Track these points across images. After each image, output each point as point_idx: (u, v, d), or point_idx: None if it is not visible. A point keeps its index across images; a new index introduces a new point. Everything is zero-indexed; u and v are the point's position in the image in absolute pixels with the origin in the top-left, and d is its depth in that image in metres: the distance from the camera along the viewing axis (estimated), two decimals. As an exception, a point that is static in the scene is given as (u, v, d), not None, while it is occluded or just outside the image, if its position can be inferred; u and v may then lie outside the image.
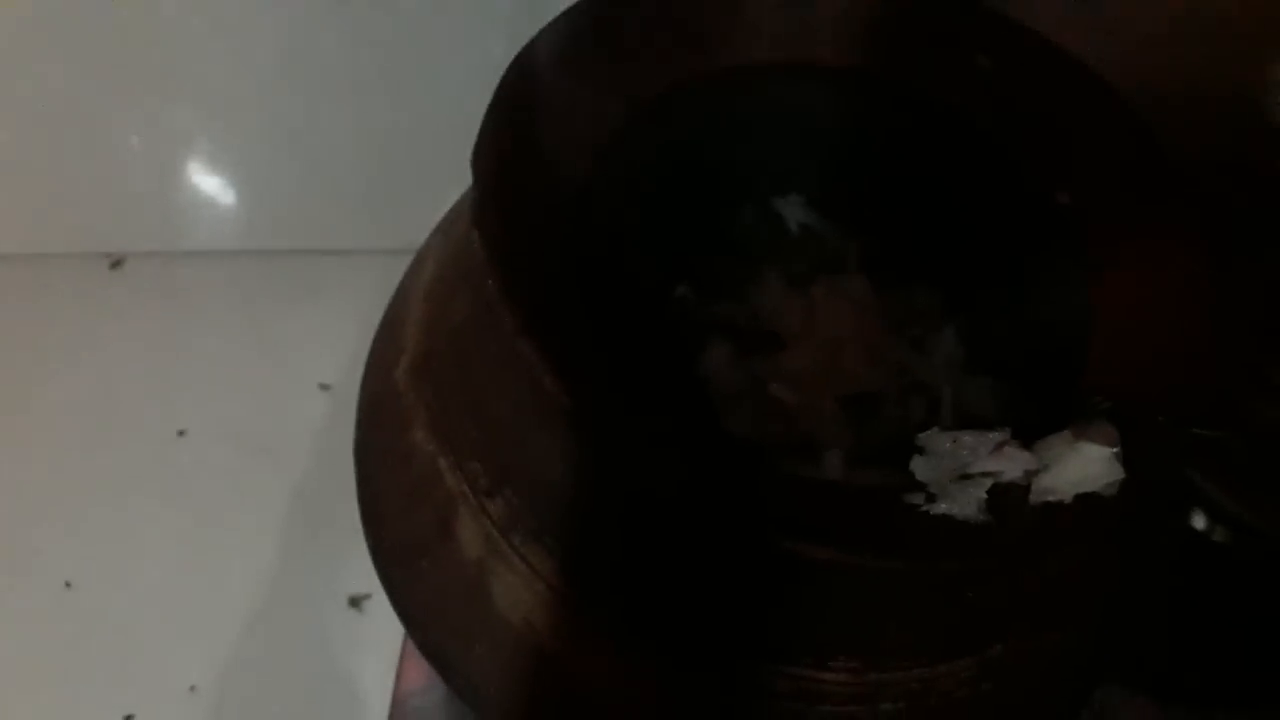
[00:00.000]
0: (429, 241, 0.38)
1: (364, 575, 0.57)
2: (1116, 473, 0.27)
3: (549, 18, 0.34)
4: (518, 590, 0.30)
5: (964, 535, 0.27)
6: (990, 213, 0.37)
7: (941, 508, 0.26)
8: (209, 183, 0.72)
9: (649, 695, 0.30)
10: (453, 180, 0.37)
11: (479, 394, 0.31)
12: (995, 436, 0.28)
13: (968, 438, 0.28)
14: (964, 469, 0.28)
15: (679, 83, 0.35)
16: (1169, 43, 0.47)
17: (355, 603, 0.58)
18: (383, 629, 0.56)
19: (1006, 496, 0.27)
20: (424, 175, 0.66)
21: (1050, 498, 0.27)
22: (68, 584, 0.58)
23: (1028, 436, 0.29)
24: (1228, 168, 0.45)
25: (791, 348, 0.37)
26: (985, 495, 0.27)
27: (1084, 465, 0.28)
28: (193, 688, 0.56)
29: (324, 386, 0.66)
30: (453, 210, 0.38)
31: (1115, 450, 0.28)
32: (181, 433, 0.64)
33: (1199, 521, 0.50)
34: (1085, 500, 0.28)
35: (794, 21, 0.35)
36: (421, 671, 0.54)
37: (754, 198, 0.40)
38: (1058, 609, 0.31)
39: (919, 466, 0.28)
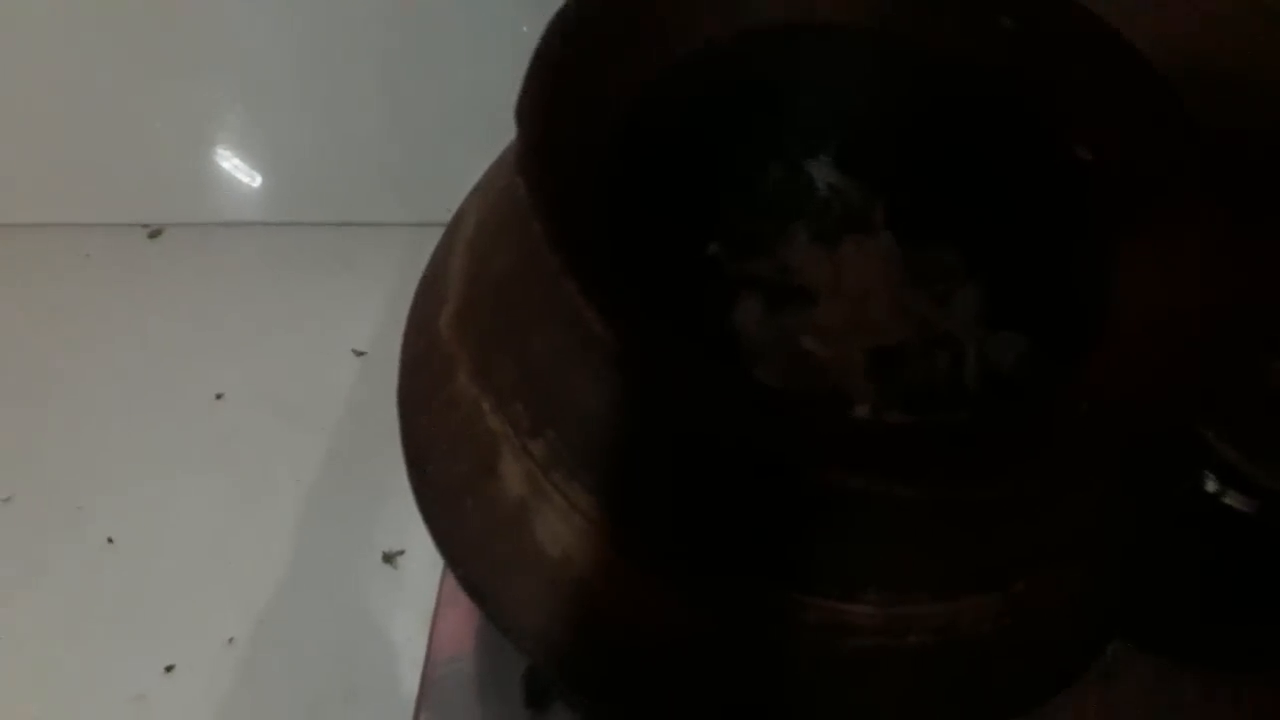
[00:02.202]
0: (467, 200, 0.39)
1: (397, 532, 0.60)
2: None
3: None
4: (557, 525, 0.32)
5: (987, 468, 0.28)
6: (1014, 172, 0.38)
7: None
8: (245, 157, 0.73)
9: (682, 625, 0.31)
10: (479, 155, 0.38)
11: (521, 338, 0.32)
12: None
13: None
14: None
15: (710, 43, 0.36)
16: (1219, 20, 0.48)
17: (389, 559, 0.59)
18: (415, 584, 0.58)
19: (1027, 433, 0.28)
20: (451, 151, 0.67)
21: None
22: (110, 540, 0.60)
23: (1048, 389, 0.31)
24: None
25: (820, 303, 0.38)
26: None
27: None
28: (231, 639, 0.57)
29: (358, 352, 0.67)
30: (489, 170, 0.40)
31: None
32: (219, 396, 0.66)
33: (1210, 484, 0.51)
34: (1101, 442, 0.29)
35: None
36: (452, 640, 0.56)
37: (784, 158, 0.41)
38: (1077, 550, 0.32)
39: None
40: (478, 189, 0.39)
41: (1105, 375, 0.31)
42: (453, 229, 0.39)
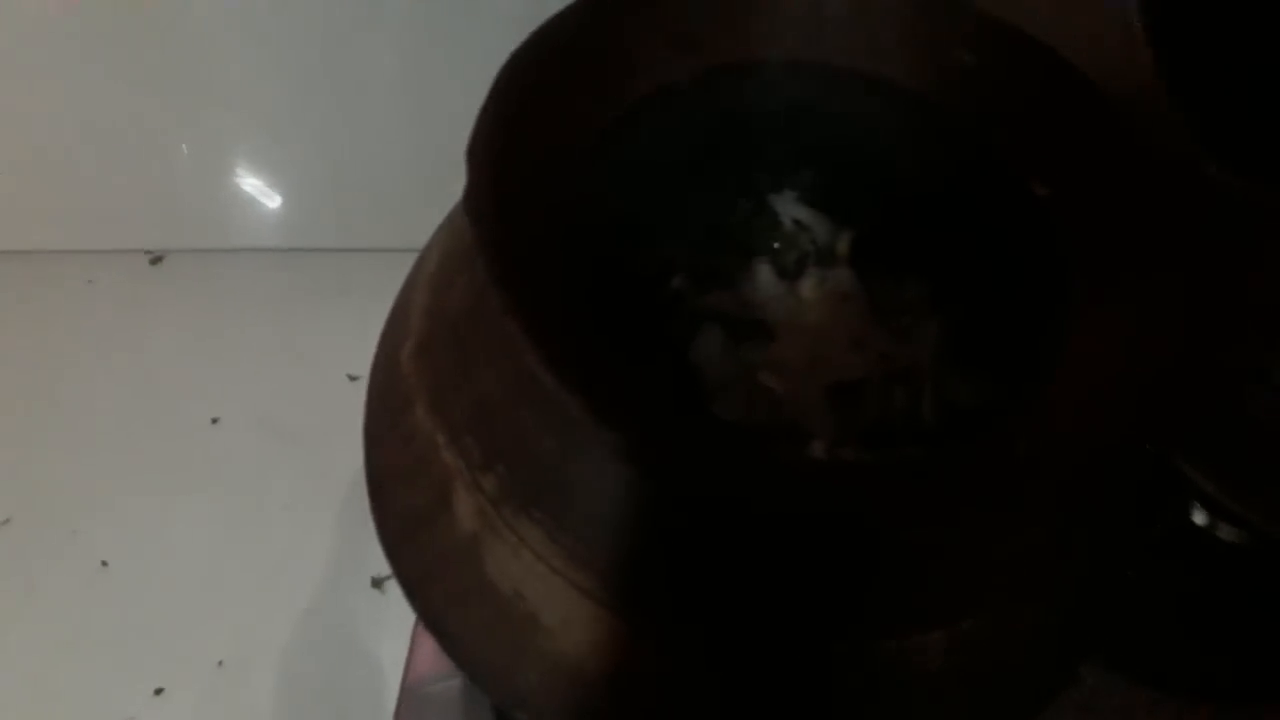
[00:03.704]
0: (435, 233, 0.40)
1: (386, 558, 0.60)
2: None
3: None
4: (508, 561, 0.32)
5: (933, 506, 0.28)
6: (975, 208, 0.38)
7: None
8: (247, 183, 0.74)
9: (632, 661, 0.31)
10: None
11: (473, 374, 0.33)
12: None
13: None
14: None
15: (672, 81, 0.37)
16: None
17: (377, 584, 0.60)
18: (403, 609, 0.58)
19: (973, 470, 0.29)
20: (452, 177, 0.68)
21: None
22: (104, 563, 0.61)
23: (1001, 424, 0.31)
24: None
25: (780, 338, 0.39)
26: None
27: None
28: (220, 663, 0.58)
29: (352, 378, 0.68)
30: (457, 204, 0.40)
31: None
32: (215, 420, 0.66)
33: (1199, 517, 0.51)
34: (1047, 478, 0.29)
35: (780, 22, 0.37)
36: (430, 664, 0.56)
37: (750, 193, 0.42)
38: (1027, 585, 0.32)
39: None
40: (443, 225, 0.40)
41: (1057, 410, 0.31)
42: (419, 263, 0.40)
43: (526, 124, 0.33)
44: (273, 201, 0.75)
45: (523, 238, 0.31)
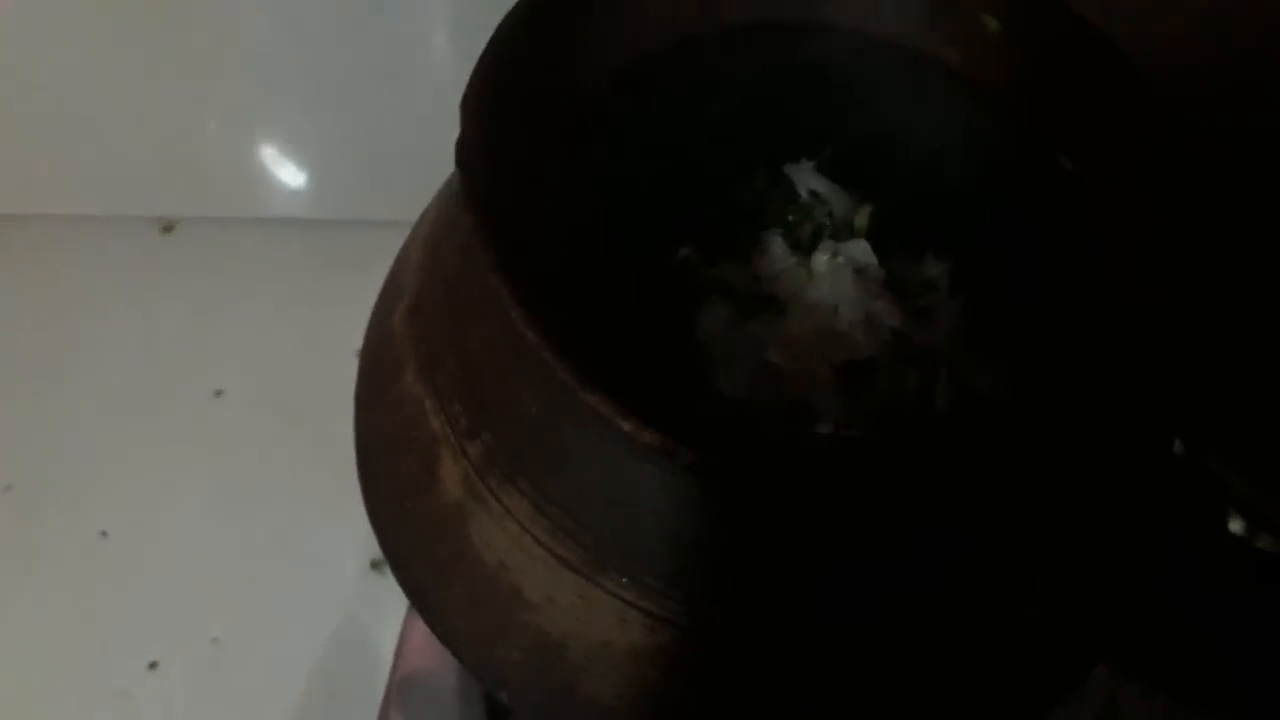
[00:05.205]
0: (436, 196, 0.39)
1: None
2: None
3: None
4: (492, 531, 0.31)
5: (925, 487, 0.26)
6: (1000, 183, 0.36)
7: None
8: (262, 152, 0.73)
9: (617, 639, 0.30)
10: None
11: (461, 337, 0.31)
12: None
13: None
14: None
15: (689, 39, 0.35)
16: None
17: (376, 566, 0.59)
18: (401, 592, 0.57)
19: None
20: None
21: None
22: (104, 533, 0.60)
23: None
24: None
25: (790, 313, 0.37)
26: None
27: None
28: (215, 639, 0.57)
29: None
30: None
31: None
32: (219, 393, 0.65)
33: (1236, 526, 0.49)
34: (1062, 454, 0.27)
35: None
36: (422, 648, 0.54)
37: (765, 162, 0.40)
38: (1043, 573, 0.31)
39: None
40: (444, 185, 0.38)
41: (1071, 392, 0.29)
42: (418, 224, 0.39)
43: (528, 76, 0.32)
44: (288, 170, 0.74)
45: (515, 194, 0.30)
